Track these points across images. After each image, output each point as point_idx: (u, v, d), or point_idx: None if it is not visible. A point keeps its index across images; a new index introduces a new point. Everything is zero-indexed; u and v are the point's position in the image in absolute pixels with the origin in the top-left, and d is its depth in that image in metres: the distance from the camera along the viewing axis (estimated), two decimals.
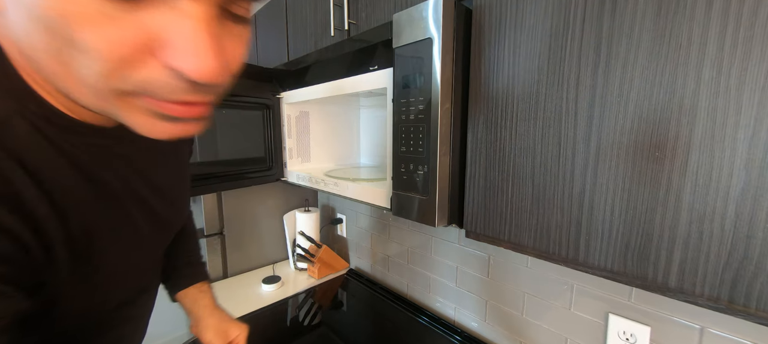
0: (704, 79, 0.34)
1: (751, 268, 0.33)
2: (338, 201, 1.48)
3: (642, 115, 0.38)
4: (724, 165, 0.34)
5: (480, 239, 0.56)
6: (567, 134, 0.44)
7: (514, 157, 0.50)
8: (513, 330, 0.88)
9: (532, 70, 0.47)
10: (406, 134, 0.57)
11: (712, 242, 0.35)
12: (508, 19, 0.49)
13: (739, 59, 0.32)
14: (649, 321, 0.65)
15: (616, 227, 0.42)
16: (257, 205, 1.38)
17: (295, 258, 1.37)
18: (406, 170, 0.58)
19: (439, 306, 1.08)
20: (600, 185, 0.42)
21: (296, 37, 1.03)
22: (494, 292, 0.91)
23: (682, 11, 0.35)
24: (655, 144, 0.38)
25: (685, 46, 0.35)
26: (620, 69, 0.39)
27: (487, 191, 0.54)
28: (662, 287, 0.39)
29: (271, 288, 1.23)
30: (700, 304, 0.37)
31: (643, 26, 0.37)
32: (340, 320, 1.08)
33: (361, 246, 1.37)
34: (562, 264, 0.47)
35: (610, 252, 0.42)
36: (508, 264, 0.87)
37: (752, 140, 0.32)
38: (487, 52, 0.51)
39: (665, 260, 0.38)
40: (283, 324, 1.05)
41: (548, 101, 0.46)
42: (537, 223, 0.49)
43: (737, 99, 0.33)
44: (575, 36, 0.43)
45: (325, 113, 1.12)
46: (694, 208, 0.36)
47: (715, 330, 0.58)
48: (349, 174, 0.89)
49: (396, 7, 0.68)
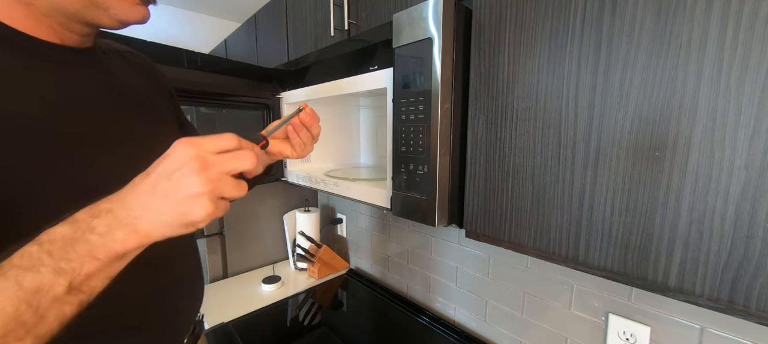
0: (704, 80, 0.34)
1: (751, 268, 0.33)
2: (338, 201, 1.48)
3: (642, 115, 0.38)
4: (724, 165, 0.34)
5: (480, 239, 0.56)
6: (567, 134, 0.44)
7: (514, 157, 0.50)
8: (513, 330, 0.88)
9: (532, 71, 0.47)
10: (406, 134, 0.57)
11: (712, 243, 0.35)
12: (508, 19, 0.49)
13: (739, 59, 0.32)
14: (649, 321, 0.65)
15: (616, 227, 0.42)
16: (257, 205, 1.38)
17: (295, 257, 1.37)
18: (406, 170, 0.58)
19: (439, 306, 1.08)
20: (600, 185, 0.42)
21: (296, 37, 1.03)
22: (494, 292, 0.91)
23: (682, 11, 0.35)
24: (655, 144, 0.38)
25: (685, 46, 0.35)
26: (620, 69, 0.39)
27: (487, 191, 0.54)
28: (662, 287, 0.39)
29: (271, 288, 1.23)
30: (700, 304, 0.37)
31: (643, 26, 0.37)
32: (340, 320, 1.08)
33: (361, 246, 1.38)
34: (562, 264, 0.47)
35: (610, 252, 0.42)
36: (508, 264, 0.87)
37: (752, 140, 0.32)
38: (487, 52, 0.51)
39: (665, 260, 0.38)
40: (283, 324, 1.05)
41: (548, 101, 0.46)
42: (537, 223, 0.49)
43: (737, 99, 0.33)
44: (575, 36, 0.43)
45: (325, 113, 1.12)
46: (694, 208, 0.36)
47: (715, 330, 0.58)
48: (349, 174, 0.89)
49: (396, 7, 0.68)
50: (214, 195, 0.30)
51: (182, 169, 0.29)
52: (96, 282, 0.29)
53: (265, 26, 1.22)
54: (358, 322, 1.07)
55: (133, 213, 0.29)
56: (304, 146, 0.54)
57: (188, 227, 0.30)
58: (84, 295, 0.28)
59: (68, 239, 0.27)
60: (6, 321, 0.24)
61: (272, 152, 0.55)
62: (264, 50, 1.24)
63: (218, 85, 0.89)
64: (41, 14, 0.35)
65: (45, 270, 0.26)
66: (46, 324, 0.27)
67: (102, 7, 0.36)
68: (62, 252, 0.26)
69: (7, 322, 0.24)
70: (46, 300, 0.26)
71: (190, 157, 0.29)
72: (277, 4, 1.12)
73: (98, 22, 0.37)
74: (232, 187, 0.32)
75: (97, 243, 0.28)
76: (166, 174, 0.29)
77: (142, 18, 0.40)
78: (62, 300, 0.27)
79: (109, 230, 0.28)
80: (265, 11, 1.21)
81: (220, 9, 1.72)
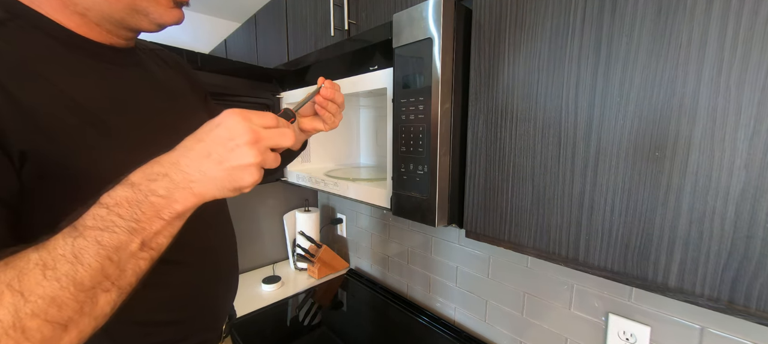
0: (704, 80, 0.34)
1: (751, 268, 0.33)
2: (338, 201, 1.48)
3: (642, 115, 0.38)
4: (724, 165, 0.34)
5: (480, 239, 0.56)
6: (567, 134, 0.44)
7: (514, 157, 0.50)
8: (513, 330, 0.88)
9: (532, 70, 0.47)
10: (406, 134, 0.57)
11: (712, 243, 0.35)
12: (508, 19, 0.49)
13: (739, 59, 0.32)
14: (649, 321, 0.65)
15: (616, 227, 0.42)
16: (257, 205, 1.38)
17: (295, 257, 1.37)
18: (406, 170, 0.58)
19: (439, 306, 1.08)
20: (600, 185, 0.42)
21: (296, 37, 1.03)
22: (494, 292, 0.91)
23: (682, 11, 0.35)
24: (655, 144, 0.38)
25: (685, 46, 0.35)
26: (620, 69, 0.39)
27: (487, 191, 0.54)
28: (662, 287, 0.39)
29: (271, 288, 1.23)
30: (700, 304, 0.37)
31: (643, 26, 0.37)
32: (340, 320, 1.08)
33: (361, 246, 1.37)
34: (562, 264, 0.47)
35: (610, 252, 0.42)
36: (508, 264, 0.87)
37: (752, 140, 0.32)
38: (487, 52, 0.51)
39: (665, 260, 0.38)
40: (283, 324, 1.05)
41: (548, 101, 0.46)
42: (537, 223, 0.49)
43: (737, 99, 0.33)
44: (575, 36, 0.43)
45: None
46: (694, 208, 0.36)
47: (715, 330, 0.58)
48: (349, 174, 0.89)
49: (396, 7, 0.68)
50: (261, 166, 0.34)
51: (237, 139, 0.32)
52: (162, 239, 0.33)
53: (265, 26, 1.22)
54: (358, 322, 1.07)
55: (188, 177, 0.32)
56: (333, 118, 0.58)
57: (236, 191, 0.34)
58: (154, 251, 0.32)
59: (132, 201, 0.30)
60: (93, 274, 0.28)
61: (306, 129, 0.59)
62: (264, 50, 1.24)
63: (218, 85, 0.89)
64: (93, 22, 0.41)
65: (119, 230, 0.29)
66: (126, 277, 0.31)
67: (142, 13, 0.42)
68: (131, 214, 0.30)
69: (94, 275, 0.28)
70: (124, 256, 0.30)
71: (244, 129, 0.33)
72: (277, 4, 1.12)
73: (140, 26, 0.43)
74: (273, 160, 0.36)
75: (161, 205, 0.31)
76: (221, 142, 0.32)
77: (178, 19, 0.45)
78: (137, 255, 0.31)
79: (169, 193, 0.31)
80: (265, 11, 1.21)
81: (220, 9, 1.72)
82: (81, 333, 0.29)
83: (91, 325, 0.29)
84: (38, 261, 0.27)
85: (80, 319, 0.28)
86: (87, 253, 0.28)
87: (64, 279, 0.27)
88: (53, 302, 0.27)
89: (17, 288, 0.26)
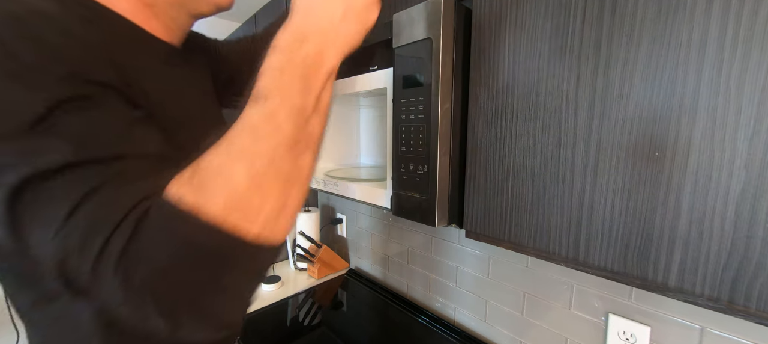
0: (704, 80, 0.34)
1: (751, 268, 0.33)
2: (338, 201, 1.48)
3: (642, 115, 0.38)
4: (724, 165, 0.34)
5: (480, 239, 0.56)
6: (567, 134, 0.44)
7: (514, 157, 0.50)
8: (513, 330, 0.88)
9: (532, 70, 0.47)
10: (406, 134, 0.57)
11: (712, 243, 0.35)
12: (508, 19, 0.49)
13: (739, 59, 0.32)
14: (649, 321, 0.65)
15: (616, 227, 0.42)
16: None
17: (295, 257, 1.37)
18: (406, 170, 0.58)
19: (439, 306, 1.08)
20: (600, 185, 0.42)
21: None
22: (494, 292, 0.91)
23: (682, 11, 0.35)
24: (655, 144, 0.38)
25: (685, 46, 0.35)
26: (620, 69, 0.39)
27: (487, 191, 0.54)
28: (662, 287, 0.39)
29: (271, 288, 1.23)
30: (700, 304, 0.37)
31: (643, 26, 0.37)
32: (340, 320, 1.08)
33: (361, 246, 1.37)
34: (562, 264, 0.47)
35: (610, 252, 0.42)
36: (508, 264, 0.87)
37: (752, 140, 0.32)
38: (487, 52, 0.51)
39: (665, 260, 0.38)
40: (283, 324, 1.05)
41: (548, 101, 0.46)
42: (537, 223, 0.49)
43: (737, 99, 0.33)
44: (575, 36, 0.43)
45: None
46: (694, 208, 0.36)
47: (715, 330, 0.58)
48: (350, 174, 0.89)
49: (396, 7, 0.68)
50: None
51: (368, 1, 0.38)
52: (325, 99, 0.34)
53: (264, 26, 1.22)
54: (358, 322, 1.07)
55: (329, 38, 0.34)
56: None
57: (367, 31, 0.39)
58: (321, 114, 0.34)
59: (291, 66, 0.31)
60: (289, 136, 0.29)
61: None
62: None
63: None
64: (161, 12, 0.42)
65: (294, 94, 0.30)
66: (313, 140, 0.32)
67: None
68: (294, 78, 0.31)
69: (290, 136, 0.29)
70: (307, 116, 0.31)
71: None
72: (277, 4, 1.12)
73: (200, 10, 0.45)
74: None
75: (318, 63, 0.33)
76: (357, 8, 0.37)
77: (230, 3, 0.47)
78: (313, 117, 0.32)
79: (321, 54, 0.33)
80: (265, 11, 1.21)
81: None
82: (300, 190, 0.31)
83: (304, 186, 0.32)
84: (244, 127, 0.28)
85: (298, 176, 0.30)
86: (278, 117, 0.29)
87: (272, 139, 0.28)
88: (272, 161, 0.28)
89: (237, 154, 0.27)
